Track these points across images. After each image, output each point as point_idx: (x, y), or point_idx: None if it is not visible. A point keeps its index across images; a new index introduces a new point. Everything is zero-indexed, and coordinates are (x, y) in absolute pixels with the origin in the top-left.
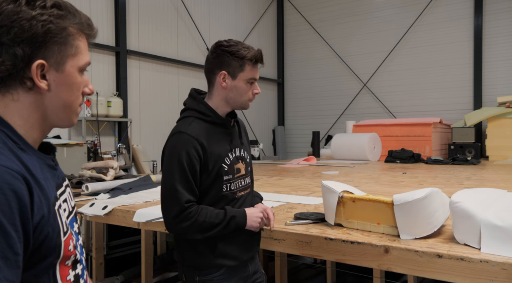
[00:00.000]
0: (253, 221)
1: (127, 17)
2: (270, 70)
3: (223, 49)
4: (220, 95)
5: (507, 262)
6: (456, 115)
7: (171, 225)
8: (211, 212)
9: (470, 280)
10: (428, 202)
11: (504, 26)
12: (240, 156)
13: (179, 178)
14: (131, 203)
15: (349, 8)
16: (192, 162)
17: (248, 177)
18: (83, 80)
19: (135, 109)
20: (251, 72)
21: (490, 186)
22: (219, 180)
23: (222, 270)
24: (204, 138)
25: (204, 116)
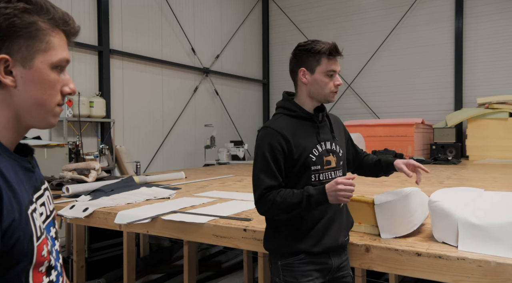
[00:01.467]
0: (333, 196)
1: (110, 16)
2: (255, 71)
3: (300, 49)
4: (304, 91)
5: (483, 259)
6: (437, 116)
7: (257, 208)
8: (289, 193)
9: (448, 277)
10: (408, 202)
11: (483, 29)
12: (330, 149)
13: (261, 166)
14: (113, 204)
15: (334, 9)
16: (274, 152)
17: (339, 171)
18: (60, 79)
19: (118, 110)
20: (328, 65)
21: (469, 185)
22: (307, 170)
23: (302, 255)
24: (288, 131)
25: (290, 112)
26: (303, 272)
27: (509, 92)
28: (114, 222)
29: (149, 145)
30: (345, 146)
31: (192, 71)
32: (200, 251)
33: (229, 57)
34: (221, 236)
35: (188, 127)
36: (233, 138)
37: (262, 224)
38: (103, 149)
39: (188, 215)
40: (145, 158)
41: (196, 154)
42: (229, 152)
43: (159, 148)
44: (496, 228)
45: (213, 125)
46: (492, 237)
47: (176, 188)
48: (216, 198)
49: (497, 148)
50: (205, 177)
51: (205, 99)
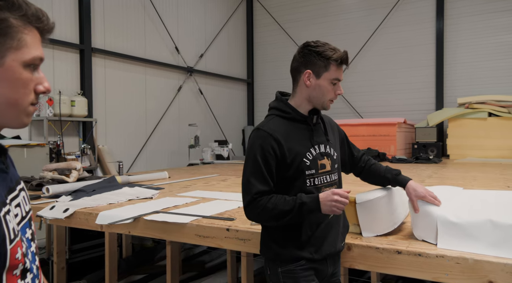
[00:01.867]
0: (327, 205)
1: (92, 14)
2: (240, 70)
3: (310, 49)
4: (303, 93)
5: (461, 256)
6: (419, 115)
7: (246, 213)
8: (281, 200)
9: (427, 275)
10: (389, 200)
11: (464, 30)
12: (325, 152)
13: (252, 170)
14: (94, 205)
15: (319, 10)
16: (266, 156)
17: (334, 174)
18: (34, 77)
19: (101, 109)
20: (336, 73)
21: (449, 183)
22: (302, 174)
23: (303, 261)
24: (281, 134)
25: (284, 113)
26: (305, 277)
27: (488, 92)
28: (95, 222)
29: (132, 144)
30: (339, 147)
31: (176, 71)
32: (183, 251)
33: (213, 57)
34: (203, 236)
35: (172, 127)
36: (218, 138)
37: (245, 223)
38: (85, 149)
39: (171, 215)
40: (128, 158)
41: (180, 153)
42: (214, 152)
43: (143, 148)
44: (473, 226)
45: (197, 124)
46: (470, 235)
47: (159, 188)
48: (200, 197)
49: (476, 147)
50: (189, 177)
51: (189, 98)
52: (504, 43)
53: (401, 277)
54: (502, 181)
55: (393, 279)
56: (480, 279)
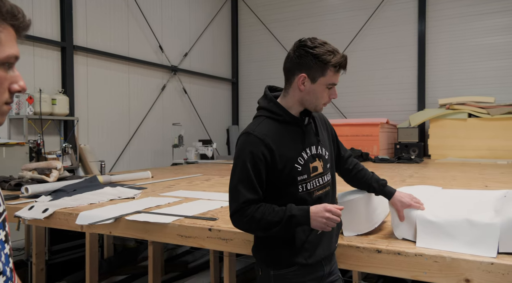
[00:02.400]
0: (318, 221)
1: (73, 11)
2: (224, 70)
3: (307, 51)
4: (296, 96)
5: (438, 255)
6: (402, 116)
7: (232, 221)
8: (269, 210)
9: (406, 273)
10: (370, 200)
11: (445, 32)
12: (316, 153)
13: (241, 177)
14: (75, 205)
15: (303, 10)
16: (256, 163)
17: (326, 175)
18: (8, 76)
19: (83, 108)
20: (332, 78)
21: (430, 183)
22: (293, 181)
23: (296, 266)
24: (272, 139)
25: (275, 115)
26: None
27: (468, 93)
28: (75, 223)
29: (115, 143)
30: (330, 145)
31: (160, 69)
32: (166, 251)
33: (197, 56)
34: (186, 236)
35: (156, 126)
36: (202, 137)
37: (227, 223)
38: (66, 148)
39: (153, 215)
40: (111, 157)
41: (164, 153)
42: (198, 151)
43: (126, 147)
44: (451, 224)
45: (181, 124)
46: (447, 234)
47: (141, 188)
48: (183, 197)
49: (457, 147)
50: (172, 176)
51: (173, 97)
52: (483, 45)
53: (383, 276)
54: (481, 180)
55: (374, 278)
56: (456, 277)
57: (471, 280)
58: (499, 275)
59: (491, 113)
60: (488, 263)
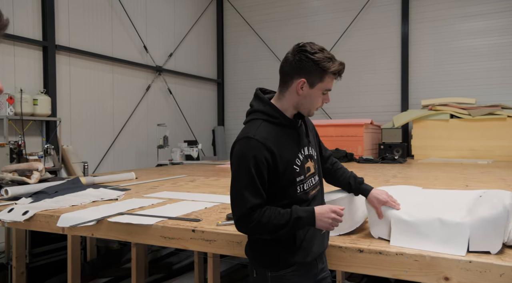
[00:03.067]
0: (324, 222)
1: (55, 10)
2: (210, 70)
3: (308, 56)
4: (293, 100)
5: (419, 254)
6: (386, 116)
7: (238, 227)
8: (275, 213)
9: (387, 272)
10: (352, 200)
11: (427, 34)
12: (308, 154)
13: (245, 183)
14: (56, 207)
15: (288, 11)
16: (259, 167)
17: (317, 174)
18: None
19: (65, 108)
20: (329, 84)
21: (413, 183)
22: (293, 182)
23: (294, 266)
24: (273, 142)
25: (272, 118)
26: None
27: (450, 94)
28: (56, 225)
29: (99, 144)
30: (316, 145)
31: (145, 70)
32: (150, 253)
33: (182, 56)
34: (169, 237)
35: (141, 127)
36: (187, 138)
37: (211, 224)
38: (48, 149)
39: (136, 216)
40: (95, 158)
41: (148, 154)
42: (183, 152)
43: (110, 148)
44: (424, 224)
45: (166, 124)
46: (420, 232)
47: (125, 189)
48: (167, 198)
49: (439, 147)
50: (157, 177)
51: (158, 98)
52: (465, 47)
53: (367, 275)
54: (462, 180)
55: (358, 277)
56: (436, 275)
57: (450, 278)
58: (476, 273)
59: (472, 114)
60: (466, 261)
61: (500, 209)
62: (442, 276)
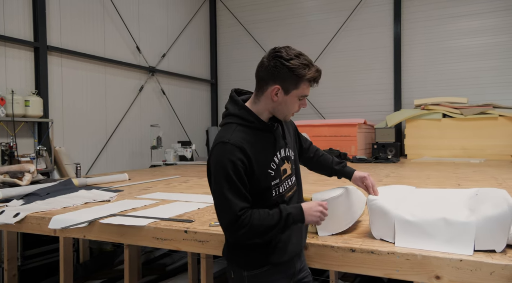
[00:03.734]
0: (313, 216)
1: (47, 11)
2: (203, 71)
3: (283, 63)
4: (268, 105)
5: (410, 253)
6: (379, 116)
7: (228, 233)
8: (265, 214)
9: (379, 272)
10: (344, 200)
11: (420, 34)
12: (285, 156)
13: (227, 186)
14: (48, 209)
15: (282, 11)
16: (238, 170)
17: (294, 176)
18: None
19: (57, 109)
20: (305, 90)
21: (406, 182)
22: (268, 186)
23: (268, 266)
24: (248, 146)
25: (247, 122)
26: (271, 282)
27: (442, 94)
28: (48, 227)
29: (92, 145)
30: (295, 145)
31: (137, 70)
32: (144, 254)
33: (176, 57)
34: (161, 238)
35: (134, 128)
36: (181, 139)
37: (203, 225)
38: (41, 150)
39: (128, 217)
40: (88, 160)
41: (142, 154)
42: (176, 153)
43: (103, 149)
44: (428, 224)
45: (160, 125)
46: (425, 233)
47: (117, 190)
48: (159, 199)
49: (432, 147)
50: (150, 178)
51: (151, 99)
52: (457, 47)
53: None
54: (454, 179)
55: (351, 276)
56: (427, 274)
57: (441, 277)
58: (467, 271)
59: (464, 113)
60: (457, 260)
61: (505, 207)
62: (433, 274)
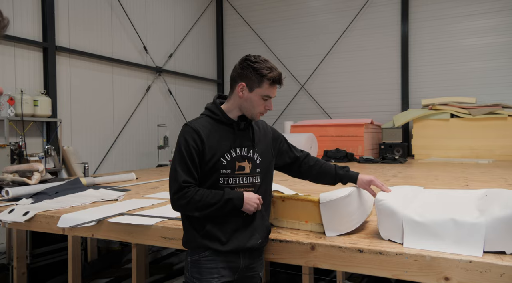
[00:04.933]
0: (250, 205)
1: (55, 11)
2: (210, 71)
3: (248, 64)
4: (236, 102)
5: (419, 254)
6: (386, 116)
7: (172, 201)
8: (208, 193)
9: (387, 272)
10: (351, 200)
11: (427, 34)
12: (246, 155)
13: (178, 160)
14: (57, 207)
15: (287, 11)
16: (190, 149)
17: (254, 177)
18: None
19: (66, 109)
20: (267, 90)
21: (413, 182)
22: (216, 172)
23: (208, 252)
24: (205, 131)
25: (213, 115)
26: (209, 269)
27: (450, 94)
28: (57, 226)
29: (100, 145)
30: (269, 154)
31: (145, 70)
32: (151, 253)
33: (182, 57)
34: (169, 237)
35: (141, 127)
36: None
37: None
38: (49, 150)
39: (136, 217)
40: (95, 159)
41: (149, 154)
42: None
43: (110, 149)
44: (437, 224)
45: (167, 125)
46: (434, 234)
47: (125, 190)
48: (167, 199)
49: (439, 147)
50: (157, 178)
51: (158, 98)
52: (465, 47)
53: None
54: (462, 180)
55: (358, 277)
56: (436, 275)
57: (450, 278)
58: (477, 273)
59: (473, 113)
60: (466, 261)
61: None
62: (442, 276)
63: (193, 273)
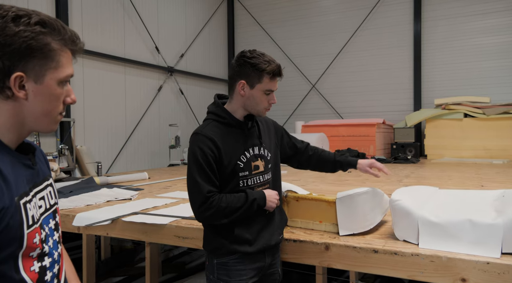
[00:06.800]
0: (272, 202)
1: (69, 13)
2: (221, 70)
3: (245, 60)
4: (239, 101)
5: (435, 255)
6: (398, 116)
7: (198, 214)
8: (232, 198)
9: (402, 273)
10: (367, 198)
11: (440, 33)
12: (258, 154)
13: (197, 171)
14: (71, 206)
15: (299, 10)
16: (207, 157)
17: (268, 173)
18: (64, 91)
19: (79, 109)
20: (268, 84)
21: (426, 183)
22: (235, 176)
23: (237, 254)
24: (218, 137)
25: (220, 118)
26: (238, 271)
27: (464, 93)
28: (72, 224)
29: (112, 144)
30: (275, 147)
31: (156, 70)
32: (163, 252)
33: (194, 57)
34: (182, 237)
35: (153, 127)
36: None
37: None
38: (63, 149)
39: (150, 216)
40: (108, 158)
41: (160, 154)
42: None
43: (122, 148)
44: (453, 225)
45: (178, 125)
46: (450, 234)
47: (138, 189)
48: (180, 198)
49: (453, 147)
50: (170, 177)
51: (170, 98)
52: (479, 45)
53: (380, 276)
54: (477, 180)
55: (371, 278)
56: (453, 277)
57: (467, 280)
58: (494, 274)
59: (487, 113)
60: (484, 262)
61: None
62: (459, 277)
63: (220, 275)
